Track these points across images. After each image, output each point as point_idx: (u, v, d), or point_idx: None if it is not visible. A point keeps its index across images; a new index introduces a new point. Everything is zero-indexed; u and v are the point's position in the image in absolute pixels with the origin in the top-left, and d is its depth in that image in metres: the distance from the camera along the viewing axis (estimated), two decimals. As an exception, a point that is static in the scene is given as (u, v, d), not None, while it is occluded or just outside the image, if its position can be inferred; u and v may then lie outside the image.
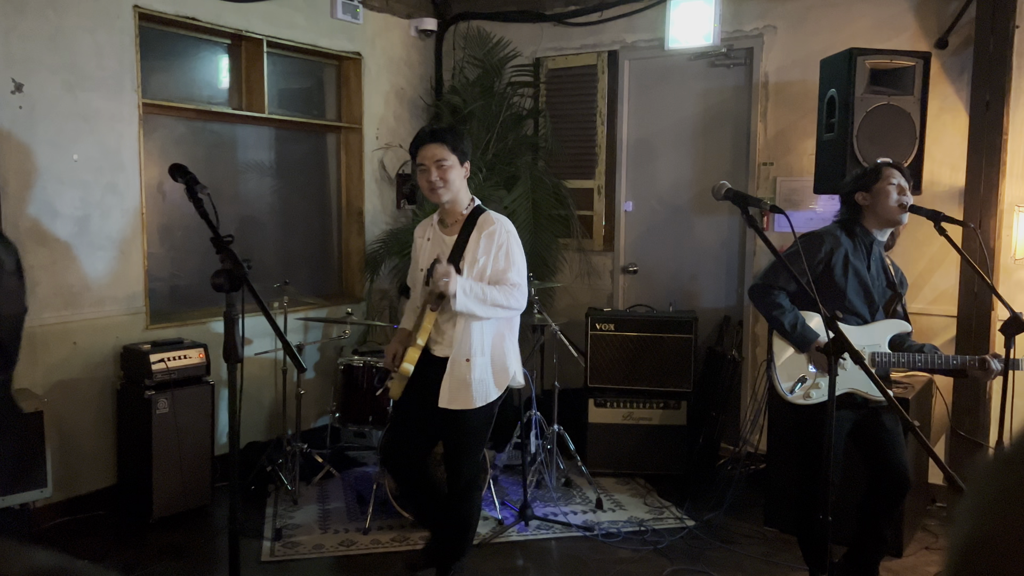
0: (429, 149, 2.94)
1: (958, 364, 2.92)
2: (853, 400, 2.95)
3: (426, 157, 2.95)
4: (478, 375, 2.98)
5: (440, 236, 3.08)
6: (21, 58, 3.70)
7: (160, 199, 4.50)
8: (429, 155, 2.94)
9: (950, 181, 4.24)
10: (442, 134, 2.97)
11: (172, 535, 3.85)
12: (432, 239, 3.10)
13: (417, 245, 3.17)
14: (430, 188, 2.96)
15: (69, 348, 3.96)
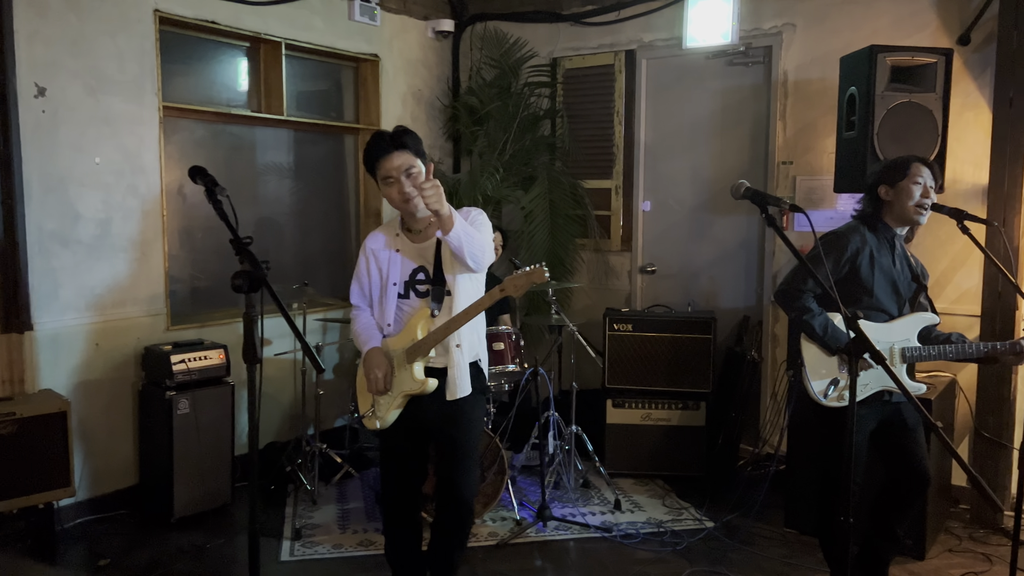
0: (394, 159, 2.66)
1: (988, 351, 2.88)
2: (882, 398, 2.91)
3: (392, 168, 2.67)
4: (469, 357, 2.82)
5: (412, 245, 2.83)
6: (43, 62, 3.74)
7: (180, 201, 4.54)
8: (395, 166, 2.66)
9: (973, 179, 4.19)
10: (403, 139, 2.68)
11: (193, 534, 3.88)
12: (403, 249, 2.83)
13: (380, 258, 2.84)
14: (404, 200, 2.68)
15: (92, 349, 4.01)
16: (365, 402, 2.95)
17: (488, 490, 3.99)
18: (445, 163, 5.90)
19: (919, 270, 3.05)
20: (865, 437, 2.96)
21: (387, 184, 2.70)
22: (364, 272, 2.90)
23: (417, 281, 2.82)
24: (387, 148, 2.67)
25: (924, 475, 2.99)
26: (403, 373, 2.81)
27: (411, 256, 2.83)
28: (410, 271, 2.82)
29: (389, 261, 2.84)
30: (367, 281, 2.91)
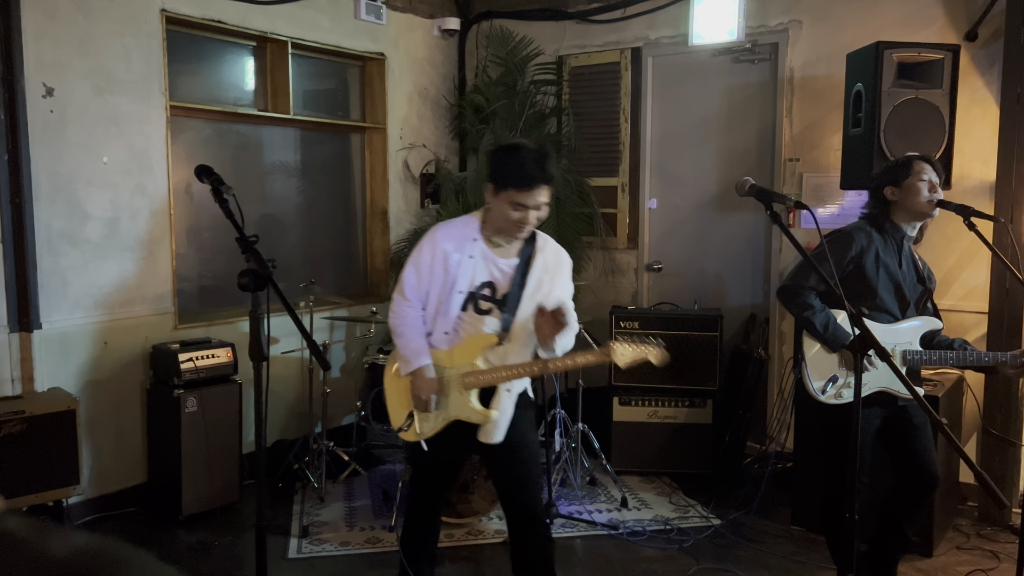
0: (537, 194, 2.48)
1: (990, 361, 2.87)
2: (884, 398, 2.91)
3: (530, 201, 2.48)
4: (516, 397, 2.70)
5: (492, 256, 2.62)
6: (51, 63, 3.76)
7: (188, 200, 4.56)
8: (536, 202, 2.49)
9: (980, 175, 4.17)
10: (552, 174, 2.49)
11: (201, 532, 3.90)
12: (477, 257, 2.61)
13: (451, 259, 2.61)
14: (518, 229, 2.54)
15: (100, 348, 4.03)
16: (399, 414, 2.76)
17: (494, 488, 3.99)
18: (451, 161, 5.91)
19: (926, 273, 3.04)
20: (870, 436, 2.95)
21: (514, 208, 2.49)
22: (428, 267, 2.64)
23: (481, 296, 2.62)
24: (538, 180, 2.46)
25: (933, 475, 2.98)
26: (458, 398, 2.62)
27: (484, 267, 2.62)
28: (478, 283, 2.62)
29: (460, 265, 2.61)
30: (428, 278, 2.65)
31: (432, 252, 2.64)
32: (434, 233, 2.67)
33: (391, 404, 2.80)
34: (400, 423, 2.75)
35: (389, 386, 2.81)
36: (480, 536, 3.90)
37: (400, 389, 2.74)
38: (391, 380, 2.80)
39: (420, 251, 2.67)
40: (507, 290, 2.60)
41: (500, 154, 2.57)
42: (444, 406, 2.65)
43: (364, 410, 4.44)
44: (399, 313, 2.71)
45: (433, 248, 2.65)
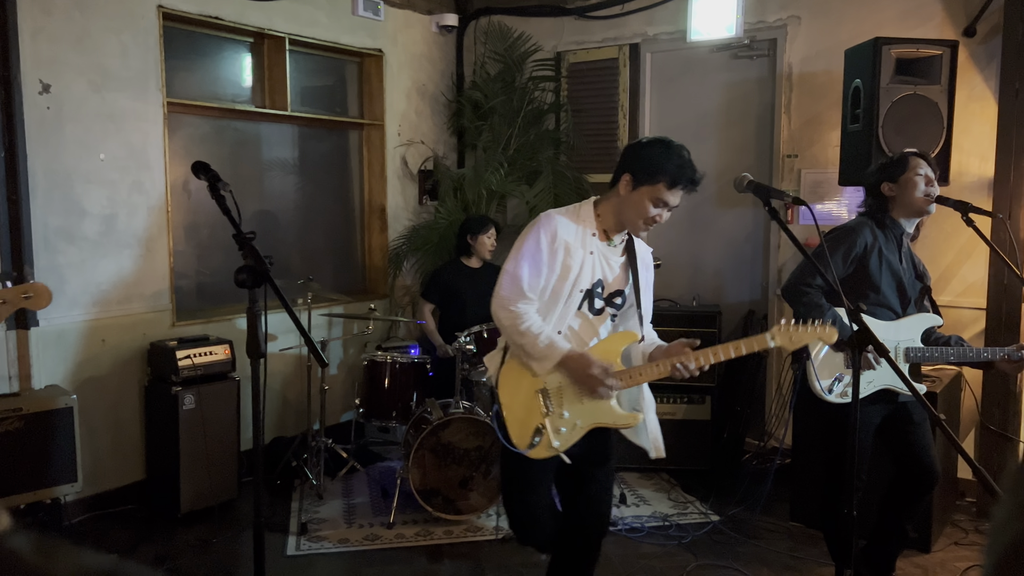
0: (680, 197, 2.43)
1: (988, 357, 2.88)
2: (886, 396, 2.91)
3: (676, 198, 2.41)
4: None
5: (603, 252, 2.47)
6: (48, 59, 3.75)
7: (185, 197, 4.55)
8: (677, 204, 2.44)
9: (979, 171, 4.17)
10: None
11: (199, 529, 3.90)
12: (596, 253, 2.45)
13: (574, 254, 2.41)
14: (646, 226, 2.43)
15: (98, 345, 4.02)
16: (524, 430, 2.45)
17: (494, 484, 4.00)
18: (449, 158, 5.90)
19: (922, 269, 3.05)
20: (870, 434, 2.96)
21: (653, 204, 2.39)
22: (546, 262, 2.39)
23: (596, 294, 2.47)
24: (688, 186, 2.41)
25: (932, 471, 2.99)
26: (597, 403, 2.43)
27: (599, 264, 2.46)
28: (595, 280, 2.45)
29: (583, 263, 2.41)
30: (544, 272, 2.40)
31: (551, 244, 2.39)
32: (551, 223, 2.41)
33: (512, 421, 2.45)
34: (526, 441, 2.42)
35: (507, 400, 2.48)
36: (479, 533, 3.90)
37: (522, 402, 2.44)
38: (509, 393, 2.48)
39: (537, 243, 2.39)
40: (618, 288, 2.48)
41: (655, 147, 2.41)
42: (581, 413, 2.44)
43: (362, 407, 4.44)
44: (518, 312, 2.39)
45: (552, 240, 2.39)
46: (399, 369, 4.40)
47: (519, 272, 2.40)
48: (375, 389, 4.40)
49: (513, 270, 2.41)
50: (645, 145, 2.47)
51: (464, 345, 4.10)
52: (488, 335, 4.21)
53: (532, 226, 2.44)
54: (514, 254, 2.44)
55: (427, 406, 4.12)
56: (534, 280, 2.40)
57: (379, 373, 4.40)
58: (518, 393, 2.47)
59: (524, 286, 2.39)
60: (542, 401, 2.44)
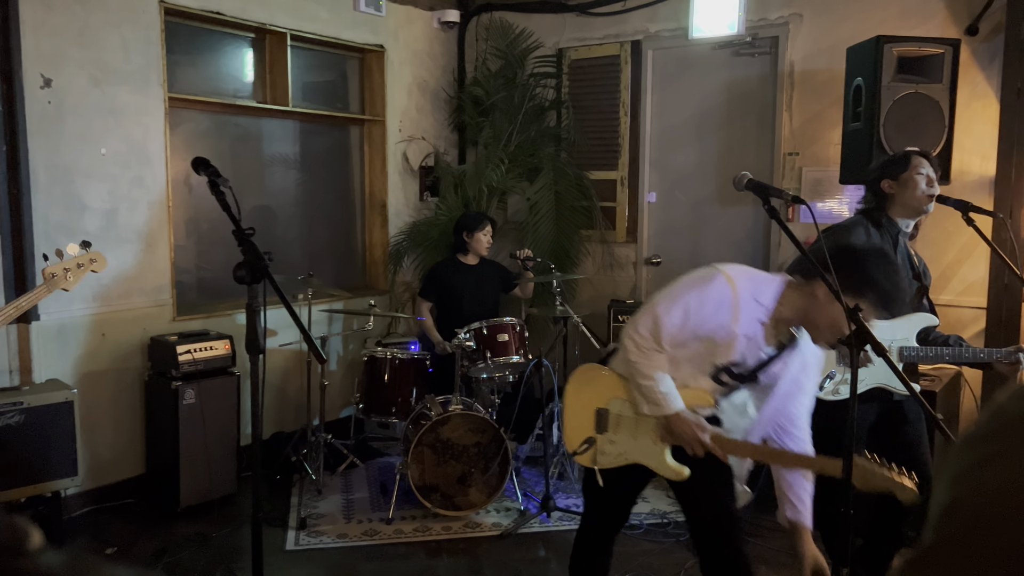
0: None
1: (985, 358, 2.87)
2: (880, 394, 2.91)
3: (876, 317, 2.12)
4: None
5: (761, 344, 2.25)
6: (49, 54, 3.75)
7: (186, 192, 4.55)
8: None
9: (980, 170, 4.17)
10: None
11: (199, 523, 3.91)
12: (751, 339, 2.23)
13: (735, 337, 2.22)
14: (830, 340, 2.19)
15: (98, 340, 4.03)
16: (577, 435, 2.49)
17: (492, 481, 4.01)
18: (450, 154, 5.90)
19: (921, 269, 3.04)
20: (864, 431, 2.96)
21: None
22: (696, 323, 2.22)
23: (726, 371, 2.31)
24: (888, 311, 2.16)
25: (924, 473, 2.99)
26: (650, 445, 2.37)
27: (747, 348, 2.26)
28: (734, 359, 2.28)
29: (732, 344, 2.25)
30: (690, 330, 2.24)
31: (714, 312, 2.21)
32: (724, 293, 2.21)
33: (569, 423, 2.51)
34: (575, 445, 2.49)
35: (571, 403, 2.51)
36: (477, 529, 3.91)
37: (583, 411, 2.47)
38: (575, 397, 2.51)
39: (700, 301, 2.22)
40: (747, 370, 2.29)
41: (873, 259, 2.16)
42: (629, 447, 2.39)
43: (362, 403, 4.44)
44: (650, 359, 2.29)
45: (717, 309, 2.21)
46: (399, 365, 4.41)
47: (665, 319, 2.24)
48: (375, 385, 4.40)
49: (662, 314, 2.24)
50: (864, 253, 2.19)
51: (464, 342, 4.11)
52: (487, 331, 4.22)
53: (705, 278, 2.25)
54: (670, 296, 2.27)
55: (426, 402, 4.12)
56: (677, 332, 2.25)
57: (379, 369, 4.41)
58: (581, 399, 2.49)
59: (663, 336, 2.25)
60: (599, 420, 2.44)
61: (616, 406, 2.42)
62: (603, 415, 2.43)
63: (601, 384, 2.45)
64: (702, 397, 2.32)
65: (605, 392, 2.45)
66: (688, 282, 2.28)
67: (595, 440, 2.43)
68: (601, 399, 2.45)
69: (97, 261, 2.79)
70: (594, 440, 2.44)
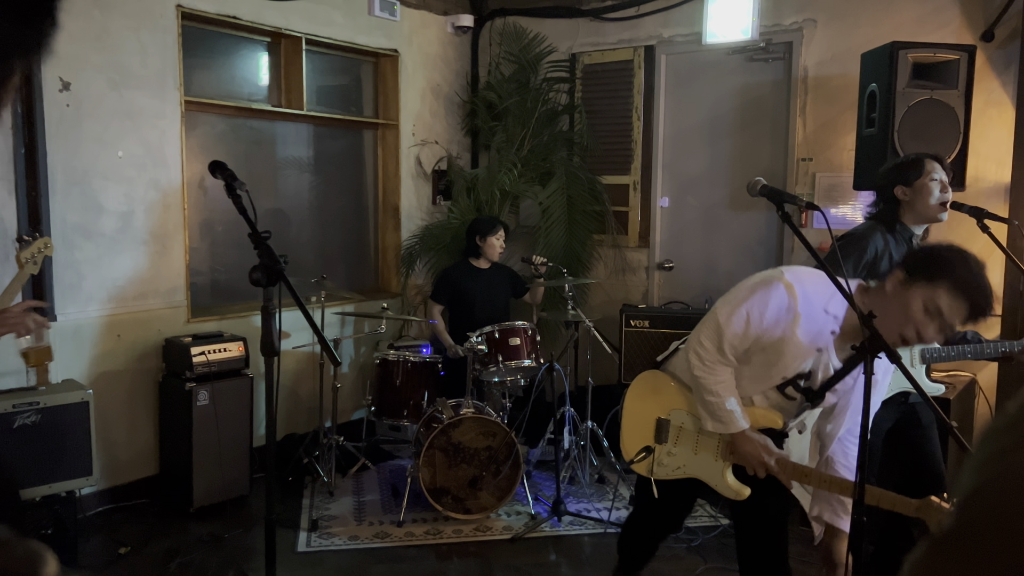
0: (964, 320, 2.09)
1: (1005, 351, 2.86)
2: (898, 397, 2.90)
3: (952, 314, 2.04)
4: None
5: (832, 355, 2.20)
6: (68, 57, 3.79)
7: (201, 195, 4.59)
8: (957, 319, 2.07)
9: (996, 177, 4.15)
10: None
11: (211, 524, 3.93)
12: (824, 352, 2.18)
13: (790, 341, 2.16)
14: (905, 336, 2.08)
15: (113, 340, 4.06)
16: (634, 444, 2.48)
17: (503, 484, 4.01)
18: (463, 158, 5.92)
19: None
20: (881, 437, 2.94)
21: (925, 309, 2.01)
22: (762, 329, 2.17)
23: (794, 383, 2.26)
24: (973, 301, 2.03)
25: (939, 476, 2.97)
26: (711, 462, 2.35)
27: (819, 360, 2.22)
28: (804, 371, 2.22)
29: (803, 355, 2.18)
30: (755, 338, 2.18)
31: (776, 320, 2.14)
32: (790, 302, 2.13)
33: (627, 431, 2.48)
34: (632, 454, 2.46)
35: (630, 411, 2.48)
36: (488, 532, 3.91)
37: (643, 419, 2.43)
38: (634, 406, 2.47)
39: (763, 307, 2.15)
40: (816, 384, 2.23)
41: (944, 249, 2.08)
42: (689, 461, 2.36)
43: (374, 405, 4.46)
44: (715, 373, 2.24)
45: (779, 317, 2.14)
46: (411, 368, 4.42)
47: (726, 328, 2.19)
48: (387, 387, 4.42)
49: (723, 322, 2.20)
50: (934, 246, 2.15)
51: (476, 345, 4.12)
52: (499, 335, 4.23)
53: (766, 282, 2.19)
54: (732, 301, 2.21)
55: (438, 405, 4.13)
56: (739, 342, 2.19)
57: (391, 372, 4.42)
58: (642, 407, 2.44)
59: (726, 345, 2.19)
60: (659, 429, 2.41)
61: (678, 417, 2.39)
62: (664, 425, 2.39)
63: (664, 393, 2.42)
64: (770, 418, 2.27)
65: (667, 402, 2.42)
66: (749, 286, 2.22)
67: (653, 450, 2.40)
68: (662, 409, 2.41)
69: (47, 247, 3.14)
70: (652, 450, 2.40)
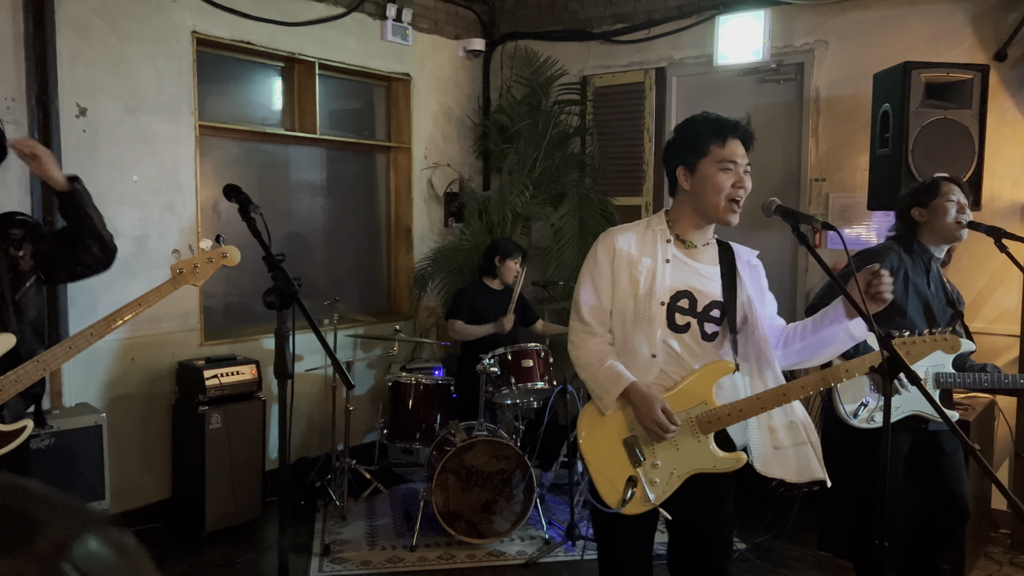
0: (740, 147, 2.19)
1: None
2: (914, 424, 2.86)
3: (737, 154, 2.17)
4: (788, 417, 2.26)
5: (688, 260, 2.21)
6: (85, 84, 3.84)
7: (215, 218, 4.61)
8: (741, 154, 2.19)
9: (1011, 196, 4.11)
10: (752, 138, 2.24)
11: (224, 549, 3.91)
12: (675, 261, 2.19)
13: (637, 264, 2.17)
14: (730, 203, 2.15)
15: (127, 364, 4.07)
16: (615, 485, 2.19)
17: (516, 508, 3.98)
18: (475, 180, 5.94)
19: (955, 296, 3.00)
20: (900, 462, 2.90)
21: (721, 171, 2.14)
22: (607, 279, 2.19)
23: (678, 308, 2.17)
24: (734, 132, 2.18)
25: (963, 505, 2.92)
26: (694, 446, 2.18)
27: (680, 273, 2.19)
28: (675, 292, 2.17)
29: (655, 272, 2.16)
30: (608, 292, 2.19)
31: (610, 258, 2.20)
32: (607, 238, 2.23)
33: (599, 477, 2.20)
34: (617, 497, 2.17)
35: (592, 452, 2.22)
36: (502, 558, 3.87)
37: (608, 455, 2.19)
38: (593, 445, 2.23)
39: (595, 261, 2.22)
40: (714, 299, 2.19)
41: (679, 128, 2.23)
42: (676, 459, 2.19)
43: (386, 428, 4.44)
44: (579, 344, 2.23)
45: (611, 253, 2.20)
46: (423, 390, 4.41)
47: (578, 297, 2.24)
48: (399, 410, 4.40)
49: (575, 297, 2.25)
50: (673, 135, 2.27)
51: (488, 367, 4.10)
52: (512, 357, 4.21)
53: (593, 246, 2.28)
54: (578, 280, 2.28)
55: (451, 428, 4.11)
56: (594, 301, 2.20)
57: (403, 394, 4.41)
58: (602, 446, 2.21)
59: (584, 313, 2.22)
60: (631, 451, 2.18)
61: (640, 427, 2.19)
62: (632, 443, 2.19)
63: (613, 414, 2.20)
64: (709, 374, 2.16)
65: (621, 419, 2.19)
66: (584, 263, 2.28)
67: (636, 478, 2.16)
68: (621, 429, 2.19)
69: (229, 255, 2.62)
70: (635, 478, 2.16)
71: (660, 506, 2.19)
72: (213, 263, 2.59)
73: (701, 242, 2.25)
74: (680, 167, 2.21)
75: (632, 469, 2.18)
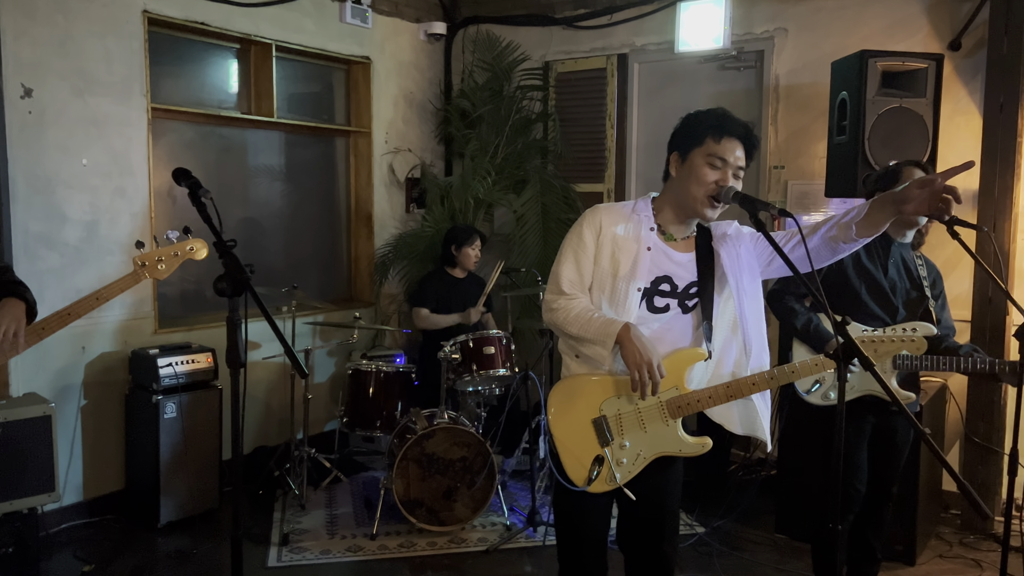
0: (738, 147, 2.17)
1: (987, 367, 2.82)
2: (876, 407, 2.89)
3: (730, 153, 2.15)
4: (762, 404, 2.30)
5: (662, 250, 2.20)
6: (30, 63, 3.71)
7: (170, 203, 4.51)
8: (738, 156, 2.17)
9: (963, 184, 4.18)
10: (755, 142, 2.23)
11: (180, 539, 3.85)
12: (654, 249, 2.18)
13: (621, 245, 2.18)
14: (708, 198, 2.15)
15: (77, 353, 3.97)
16: (581, 463, 2.21)
17: (478, 495, 3.97)
18: (437, 166, 5.89)
19: (930, 279, 3.02)
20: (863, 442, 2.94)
21: (709, 166, 2.14)
22: (591, 255, 2.19)
23: (659, 292, 2.20)
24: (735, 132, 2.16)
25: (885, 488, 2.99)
26: (662, 429, 2.22)
27: (658, 262, 2.20)
28: (655, 277, 2.19)
29: (635, 257, 2.17)
30: (590, 268, 2.20)
31: (596, 236, 2.18)
32: (595, 214, 2.21)
33: (566, 455, 2.23)
34: (584, 475, 2.20)
35: (561, 430, 2.24)
36: (463, 544, 3.87)
37: (576, 433, 2.22)
38: (562, 424, 2.25)
39: (579, 237, 2.20)
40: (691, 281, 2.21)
41: (690, 116, 2.23)
42: (643, 442, 2.21)
43: (346, 416, 4.40)
44: (562, 306, 2.20)
45: (597, 230, 2.19)
46: (384, 378, 4.37)
47: (558, 269, 2.23)
48: (359, 398, 4.36)
49: (554, 269, 2.25)
50: (680, 122, 2.27)
51: (450, 354, 4.07)
52: (474, 344, 4.19)
53: (578, 220, 2.25)
54: (559, 254, 2.26)
55: (412, 416, 4.08)
56: (575, 276, 2.21)
57: (364, 382, 4.37)
58: (572, 424, 2.22)
59: (563, 283, 2.21)
60: (600, 431, 2.21)
61: (611, 407, 2.21)
62: (602, 423, 2.21)
63: (585, 392, 2.22)
64: (681, 360, 2.21)
65: (592, 399, 2.22)
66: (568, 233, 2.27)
67: (604, 457, 2.19)
68: (591, 408, 2.21)
69: (195, 250, 2.57)
70: (603, 457, 2.19)
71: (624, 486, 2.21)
72: (179, 257, 2.53)
73: (681, 236, 2.25)
74: (674, 152, 2.23)
75: (600, 448, 2.20)
